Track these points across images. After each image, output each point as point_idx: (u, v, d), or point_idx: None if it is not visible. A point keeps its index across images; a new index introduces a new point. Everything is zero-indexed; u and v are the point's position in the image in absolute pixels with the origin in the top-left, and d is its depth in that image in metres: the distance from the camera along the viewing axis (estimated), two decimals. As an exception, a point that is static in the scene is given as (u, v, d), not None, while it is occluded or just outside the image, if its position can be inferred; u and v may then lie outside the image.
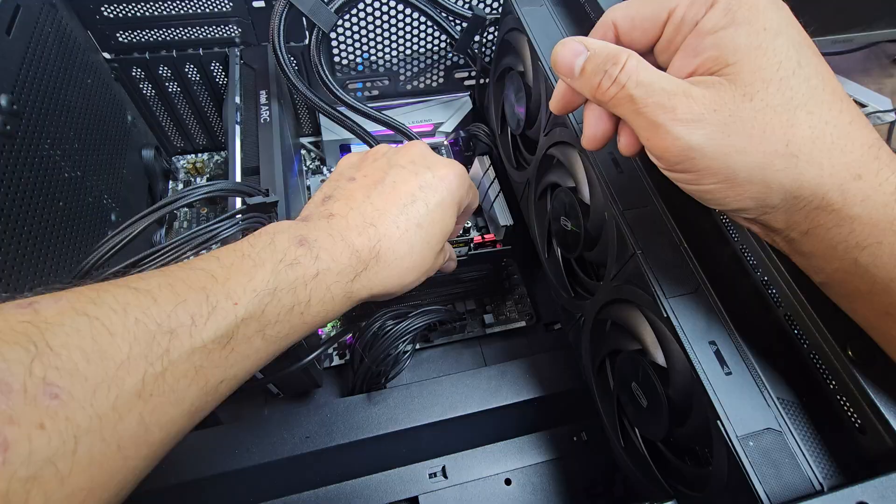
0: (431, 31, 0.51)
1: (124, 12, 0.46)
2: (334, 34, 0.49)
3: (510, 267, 0.52)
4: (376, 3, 0.47)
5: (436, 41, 0.52)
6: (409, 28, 0.50)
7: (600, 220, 0.32)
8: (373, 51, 0.51)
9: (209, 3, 0.47)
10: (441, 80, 0.57)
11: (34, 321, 0.17)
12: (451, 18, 0.47)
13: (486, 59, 0.54)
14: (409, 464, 0.38)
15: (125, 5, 0.45)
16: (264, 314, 0.23)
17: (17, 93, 0.34)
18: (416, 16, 0.49)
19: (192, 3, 0.46)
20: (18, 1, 0.36)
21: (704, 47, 0.20)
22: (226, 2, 0.47)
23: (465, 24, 0.47)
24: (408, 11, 0.49)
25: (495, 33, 0.52)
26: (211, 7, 0.47)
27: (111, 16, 0.46)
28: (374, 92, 0.56)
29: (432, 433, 0.38)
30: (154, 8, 0.46)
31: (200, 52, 0.49)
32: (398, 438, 0.37)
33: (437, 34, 0.52)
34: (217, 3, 0.47)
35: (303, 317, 0.25)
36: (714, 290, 0.27)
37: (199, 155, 0.60)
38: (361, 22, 0.48)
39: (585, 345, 0.35)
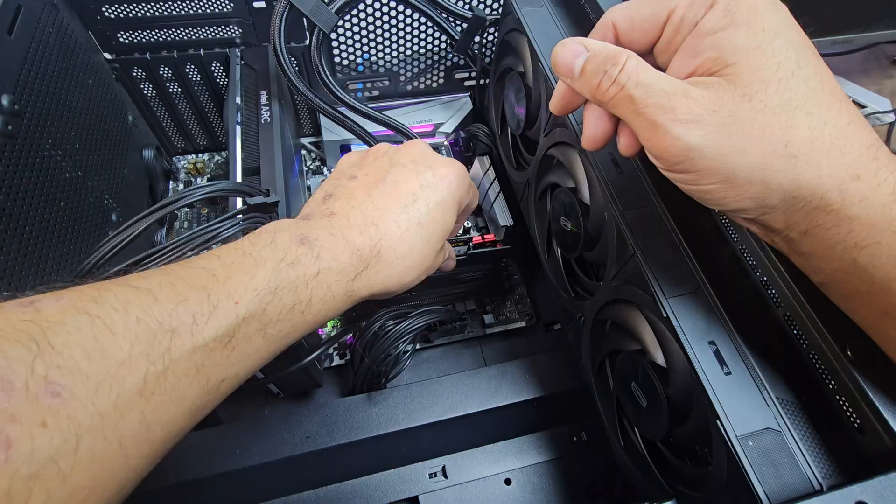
0: (432, 31, 0.51)
1: (125, 13, 0.46)
2: (335, 35, 0.49)
3: (510, 267, 0.52)
4: (377, 4, 0.47)
5: (436, 42, 0.52)
6: (410, 29, 0.50)
7: (600, 220, 0.32)
8: (373, 51, 0.52)
9: (210, 3, 0.47)
10: (441, 81, 0.57)
11: (36, 320, 0.17)
12: (451, 19, 0.47)
13: (487, 59, 0.54)
14: (410, 464, 0.38)
15: (126, 6, 0.45)
16: (265, 313, 0.23)
17: (18, 93, 0.34)
18: (417, 16, 0.49)
19: (192, 4, 0.46)
20: (20, 1, 0.36)
21: (704, 48, 0.20)
22: (226, 2, 0.47)
23: (465, 25, 0.47)
24: (408, 12, 0.49)
25: (495, 34, 0.52)
26: (211, 7, 0.47)
27: (112, 16, 0.46)
28: (375, 92, 0.56)
29: (432, 433, 0.38)
30: (155, 8, 0.46)
31: (201, 52, 0.49)
32: (398, 438, 0.37)
33: (437, 35, 0.52)
34: (218, 3, 0.47)
35: (304, 315, 0.25)
36: (713, 291, 0.27)
37: (200, 155, 0.60)
38: (362, 22, 0.48)
39: (585, 345, 0.35)
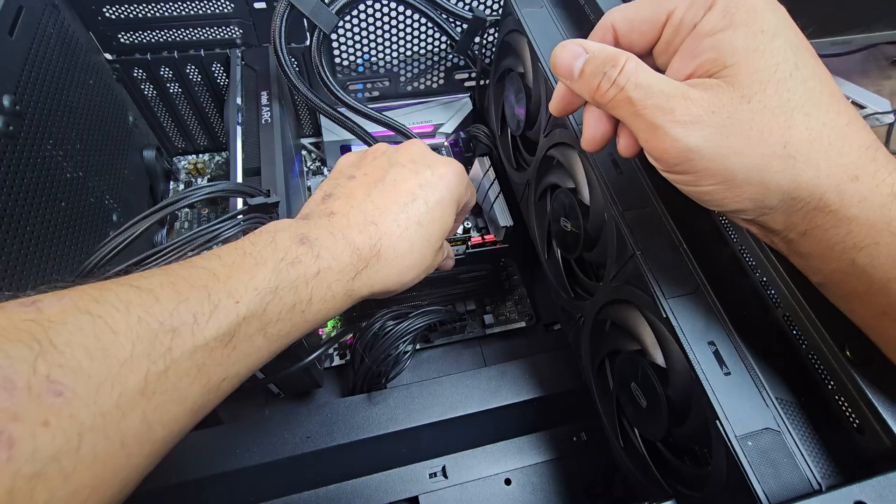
0: (432, 32, 0.51)
1: (126, 13, 0.46)
2: (335, 35, 0.49)
3: (510, 267, 0.52)
4: (377, 5, 0.47)
5: (436, 42, 0.52)
6: (410, 29, 0.50)
7: (600, 221, 0.32)
8: (373, 52, 0.52)
9: (210, 4, 0.47)
10: (441, 82, 0.57)
11: (38, 319, 0.17)
12: (451, 20, 0.47)
13: (487, 60, 0.54)
14: (410, 464, 0.38)
15: (127, 7, 0.45)
16: (266, 312, 0.23)
17: (19, 93, 0.34)
18: (417, 17, 0.49)
19: (193, 5, 0.46)
20: (21, 2, 0.36)
21: (702, 49, 0.20)
22: (227, 3, 0.47)
23: (465, 26, 0.47)
24: (408, 13, 0.49)
25: (495, 35, 0.52)
26: (212, 8, 0.47)
27: (113, 17, 0.46)
28: (375, 93, 0.56)
29: (432, 433, 0.38)
30: (155, 9, 0.46)
31: (202, 53, 0.50)
32: (398, 438, 0.37)
33: (437, 36, 0.52)
34: (218, 4, 0.47)
35: (304, 315, 0.25)
36: (713, 291, 0.27)
37: (201, 155, 0.60)
38: (362, 23, 0.49)
39: (585, 345, 0.35)
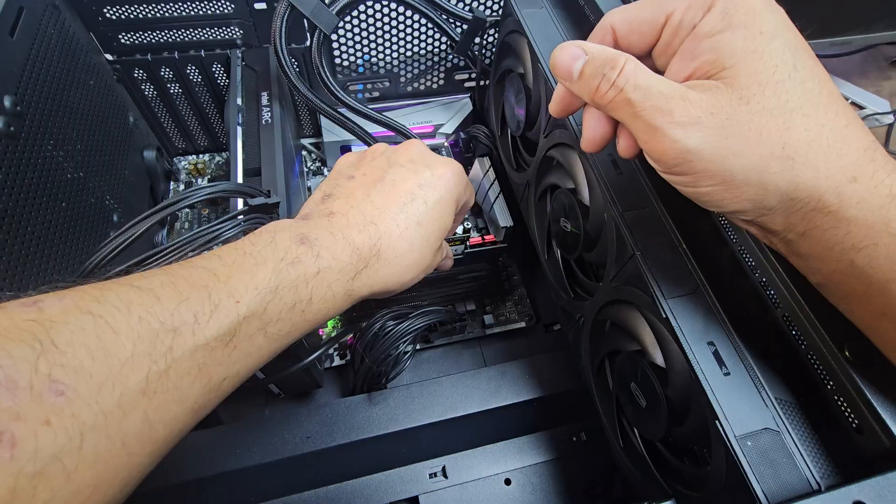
0: (432, 33, 0.51)
1: (126, 14, 0.46)
2: (335, 36, 0.49)
3: (510, 268, 0.52)
4: (377, 6, 0.47)
5: (436, 43, 0.53)
6: (410, 30, 0.50)
7: (600, 221, 0.32)
8: (374, 52, 0.52)
9: (211, 5, 0.47)
10: (441, 82, 0.57)
11: (39, 319, 0.17)
12: (451, 20, 0.47)
13: (487, 61, 0.54)
14: (410, 464, 0.38)
15: (127, 7, 0.45)
16: (266, 312, 0.23)
17: (20, 94, 0.34)
18: (417, 18, 0.49)
19: (193, 6, 0.46)
20: (22, 3, 0.36)
21: (701, 51, 0.20)
22: (227, 4, 0.47)
23: (465, 27, 0.47)
24: (408, 14, 0.49)
25: (495, 35, 0.52)
26: (213, 9, 0.47)
27: (113, 17, 0.46)
28: (375, 93, 0.56)
29: (432, 433, 0.38)
30: (156, 10, 0.46)
31: (202, 53, 0.50)
32: (398, 438, 0.38)
33: (437, 36, 0.52)
34: (219, 4, 0.47)
35: (304, 314, 0.25)
36: (713, 291, 0.27)
37: (201, 156, 0.60)
38: (362, 24, 0.49)
39: (585, 345, 0.35)
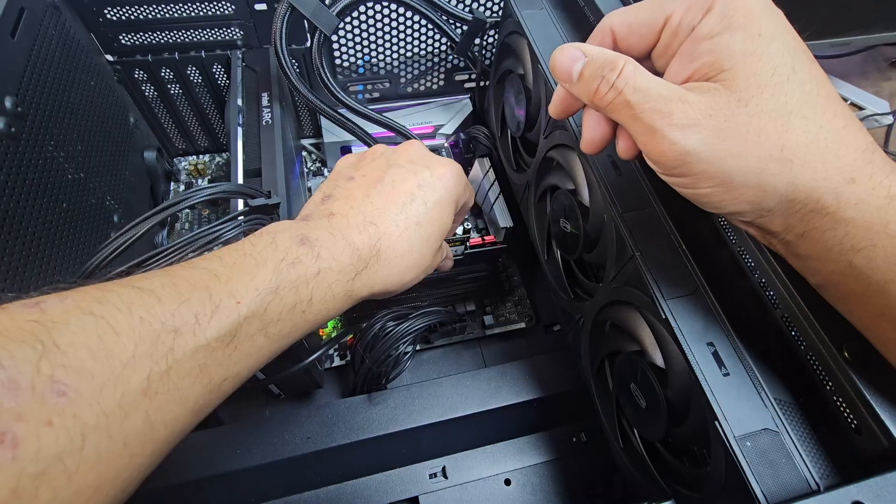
0: (432, 34, 0.51)
1: (127, 15, 0.46)
2: (336, 37, 0.49)
3: (510, 268, 0.52)
4: (377, 7, 0.47)
5: (436, 44, 0.53)
6: (410, 31, 0.50)
7: (599, 222, 0.32)
8: (374, 53, 0.52)
9: (211, 6, 0.47)
10: (441, 83, 0.57)
11: (41, 320, 0.17)
12: (451, 21, 0.48)
13: (487, 61, 0.54)
14: (410, 464, 0.38)
15: (128, 8, 0.45)
16: (267, 312, 0.23)
17: (21, 95, 0.34)
18: (417, 19, 0.49)
19: (194, 6, 0.47)
20: (23, 4, 0.36)
21: (700, 53, 0.20)
22: (228, 5, 0.47)
23: (465, 28, 0.47)
24: (409, 14, 0.49)
25: (495, 36, 0.53)
26: (213, 10, 0.47)
27: (114, 18, 0.46)
28: (375, 94, 0.56)
29: (432, 434, 0.38)
30: (156, 11, 0.46)
31: (202, 54, 0.50)
32: (398, 439, 0.38)
33: (437, 37, 0.52)
34: (219, 5, 0.47)
35: (304, 315, 0.25)
36: (712, 292, 0.27)
37: (201, 156, 0.60)
38: (363, 25, 0.49)
39: (585, 346, 0.35)
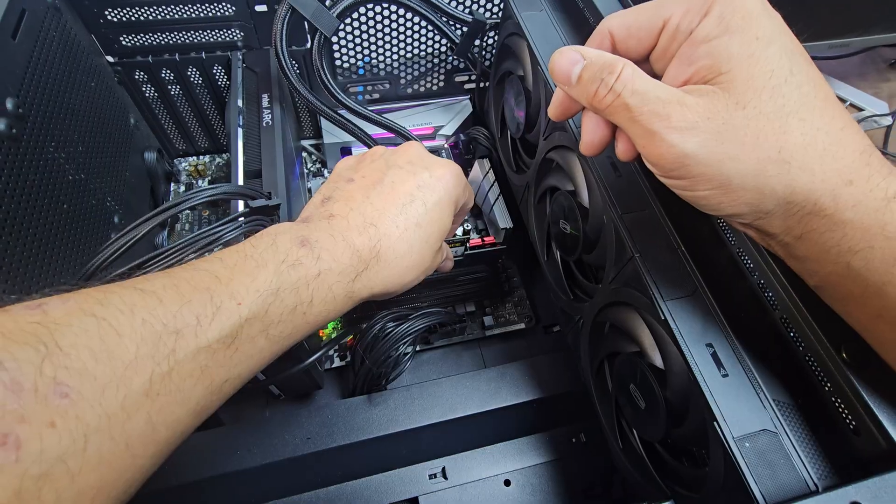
0: (432, 35, 0.52)
1: (128, 16, 0.46)
2: (336, 38, 0.49)
3: (510, 269, 0.52)
4: (378, 8, 0.47)
5: (436, 45, 0.53)
6: (410, 32, 0.51)
7: (599, 223, 0.32)
8: (374, 54, 0.52)
9: (212, 7, 0.47)
10: (441, 84, 0.57)
11: (43, 322, 0.17)
12: (451, 23, 0.48)
13: (487, 63, 0.54)
14: (410, 465, 0.38)
15: (129, 9, 0.45)
16: (267, 314, 0.23)
17: (22, 96, 0.34)
18: (417, 20, 0.50)
19: (194, 8, 0.47)
20: (24, 5, 0.36)
21: (698, 56, 0.21)
22: (228, 6, 0.47)
23: (465, 29, 0.47)
24: (409, 16, 0.49)
25: (495, 38, 0.53)
26: (214, 11, 0.47)
27: (115, 20, 0.46)
28: (375, 95, 0.56)
29: (432, 434, 0.38)
30: (157, 12, 0.46)
31: (203, 55, 0.50)
32: (398, 439, 0.38)
33: (437, 38, 0.52)
34: (220, 7, 0.47)
35: (305, 316, 0.25)
36: (711, 293, 0.27)
37: (201, 157, 0.60)
38: (363, 26, 0.49)
39: (584, 347, 0.35)
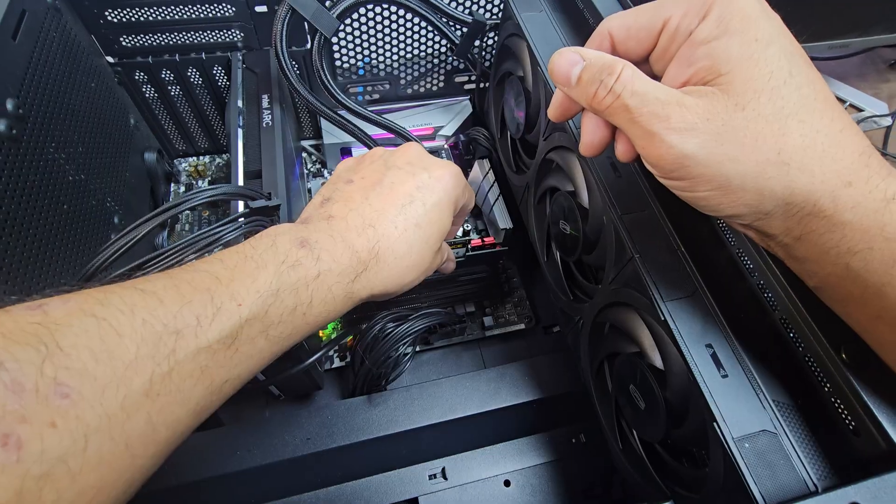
0: (432, 35, 0.52)
1: (128, 17, 0.46)
2: (336, 39, 0.49)
3: (509, 270, 0.52)
4: (377, 9, 0.47)
5: (436, 46, 0.53)
6: (410, 33, 0.51)
7: (599, 223, 0.32)
8: (374, 55, 0.52)
9: (212, 8, 0.47)
10: (441, 84, 0.57)
11: (44, 322, 0.17)
12: (451, 23, 0.48)
13: (486, 63, 0.54)
14: (409, 465, 0.38)
15: (129, 10, 0.45)
16: (267, 315, 0.23)
17: (22, 97, 0.34)
18: (417, 21, 0.50)
19: (195, 9, 0.47)
20: (24, 6, 0.36)
21: (697, 57, 0.21)
22: (228, 7, 0.47)
23: (465, 30, 0.47)
24: (408, 17, 0.49)
25: (495, 38, 0.53)
26: (214, 12, 0.47)
27: (115, 20, 0.46)
28: (375, 96, 0.56)
29: (432, 435, 0.38)
30: (157, 13, 0.46)
31: (203, 56, 0.50)
32: (398, 440, 0.38)
33: (437, 39, 0.52)
34: (220, 8, 0.47)
35: (305, 317, 0.25)
36: (711, 294, 0.27)
37: (201, 158, 0.60)
38: (363, 27, 0.49)
39: (584, 347, 0.35)
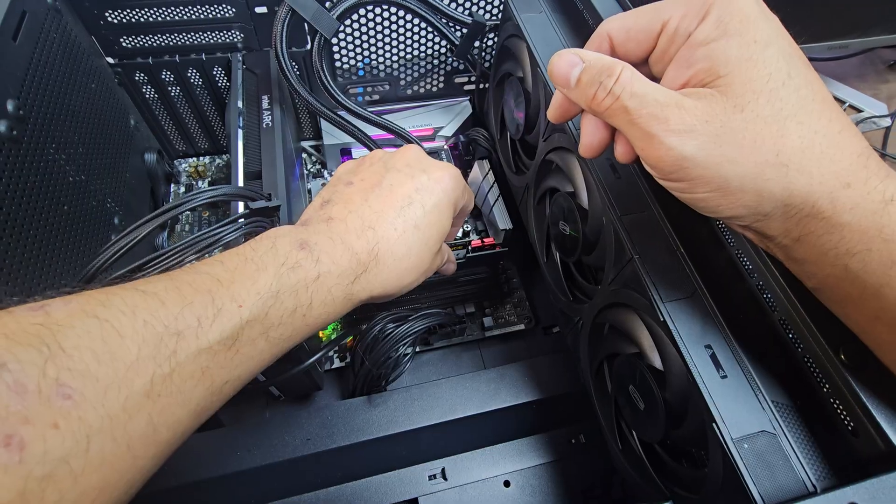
0: (432, 36, 0.52)
1: (128, 18, 0.46)
2: (336, 39, 0.49)
3: (509, 270, 0.52)
4: (377, 10, 0.47)
5: (436, 46, 0.53)
6: (410, 34, 0.51)
7: (598, 224, 0.32)
8: (374, 56, 0.52)
9: (212, 9, 0.47)
10: (441, 85, 0.57)
11: (46, 323, 0.17)
12: (451, 24, 0.48)
13: (486, 64, 0.54)
14: (409, 465, 0.39)
15: (129, 11, 0.46)
16: (268, 316, 0.24)
17: (23, 98, 0.34)
18: (417, 22, 0.50)
19: (195, 10, 0.47)
20: (25, 7, 0.36)
21: (696, 59, 0.21)
22: (229, 8, 0.47)
23: (465, 30, 0.47)
24: (409, 17, 0.49)
25: (495, 39, 0.53)
26: (214, 13, 0.47)
27: (115, 21, 0.46)
28: (375, 96, 0.56)
29: (432, 435, 0.38)
30: (157, 14, 0.46)
31: (203, 56, 0.50)
32: (398, 440, 0.38)
33: (437, 40, 0.52)
34: (220, 9, 0.47)
35: (305, 319, 0.25)
36: (710, 295, 0.27)
37: (201, 158, 0.61)
38: (363, 28, 0.49)
39: (583, 348, 0.35)
